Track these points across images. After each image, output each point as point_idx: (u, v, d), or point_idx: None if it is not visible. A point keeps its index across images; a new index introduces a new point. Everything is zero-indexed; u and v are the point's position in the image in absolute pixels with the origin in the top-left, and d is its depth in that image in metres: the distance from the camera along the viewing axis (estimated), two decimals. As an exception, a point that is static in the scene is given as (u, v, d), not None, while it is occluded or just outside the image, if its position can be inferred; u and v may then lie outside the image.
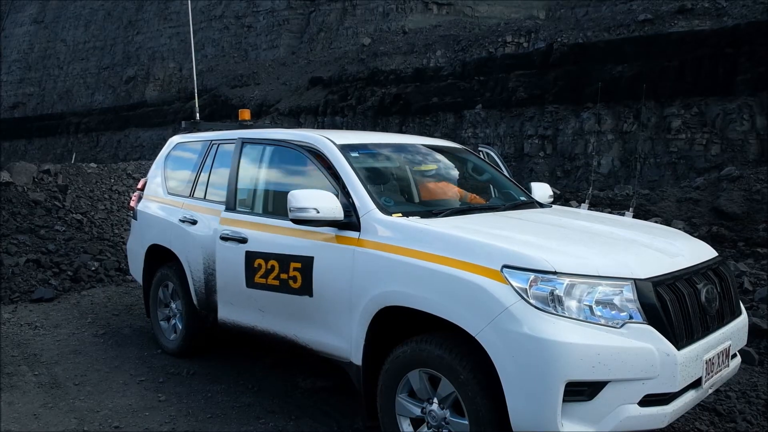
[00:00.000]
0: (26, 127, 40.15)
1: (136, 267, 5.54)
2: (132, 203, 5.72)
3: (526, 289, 2.66)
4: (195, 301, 4.68)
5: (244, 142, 4.44)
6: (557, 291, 2.65)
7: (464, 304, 2.80)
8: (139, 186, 5.73)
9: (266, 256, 3.77)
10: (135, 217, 5.61)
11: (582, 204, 4.85)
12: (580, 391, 2.57)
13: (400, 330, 3.20)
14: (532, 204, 4.29)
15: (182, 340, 4.99)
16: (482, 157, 5.10)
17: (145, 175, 6.07)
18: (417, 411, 3.05)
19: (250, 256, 3.89)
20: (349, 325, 3.34)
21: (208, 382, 4.49)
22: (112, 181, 12.14)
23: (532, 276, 2.67)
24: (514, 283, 2.68)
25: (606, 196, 15.74)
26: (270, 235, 3.85)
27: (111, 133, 33.63)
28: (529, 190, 4.47)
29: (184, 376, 4.64)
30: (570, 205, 10.61)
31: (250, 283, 3.89)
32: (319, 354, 3.64)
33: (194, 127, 5.63)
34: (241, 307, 4.10)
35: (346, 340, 3.38)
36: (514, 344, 2.62)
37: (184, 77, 32.36)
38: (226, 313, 4.26)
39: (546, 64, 24.89)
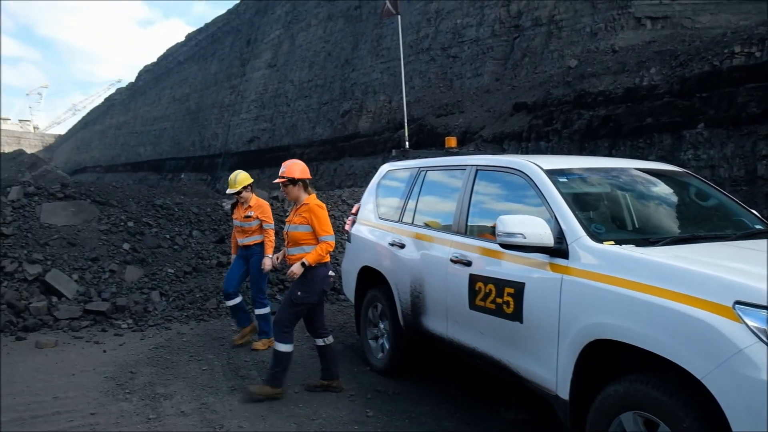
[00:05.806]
0: (259, 158, 45.36)
1: (349, 287, 5.92)
2: (347, 227, 6.16)
3: (764, 329, 2.34)
4: (401, 322, 4.87)
5: (478, 170, 4.42)
6: (805, 334, 2.28)
7: (688, 342, 2.54)
8: (353, 211, 6.16)
9: (485, 280, 3.82)
10: (349, 240, 6.02)
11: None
12: (836, 454, 2.18)
13: (611, 366, 3.01)
14: (771, 233, 3.77)
15: (389, 359, 5.21)
16: None
17: (358, 201, 6.49)
18: (631, 456, 2.82)
19: (473, 279, 3.95)
20: (556, 357, 3.22)
21: (412, 403, 4.62)
22: (330, 206, 13.12)
23: (772, 315, 2.34)
24: (750, 322, 2.37)
25: None
26: (488, 259, 3.87)
27: (328, 163, 36.54)
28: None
29: (390, 394, 4.82)
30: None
31: (472, 305, 3.94)
32: (528, 383, 3.56)
33: (403, 156, 5.93)
34: (463, 327, 4.13)
35: (553, 372, 3.26)
36: (749, 392, 2.31)
37: (393, 109, 34.15)
38: (452, 332, 4.28)
39: (786, 74, 21.84)
